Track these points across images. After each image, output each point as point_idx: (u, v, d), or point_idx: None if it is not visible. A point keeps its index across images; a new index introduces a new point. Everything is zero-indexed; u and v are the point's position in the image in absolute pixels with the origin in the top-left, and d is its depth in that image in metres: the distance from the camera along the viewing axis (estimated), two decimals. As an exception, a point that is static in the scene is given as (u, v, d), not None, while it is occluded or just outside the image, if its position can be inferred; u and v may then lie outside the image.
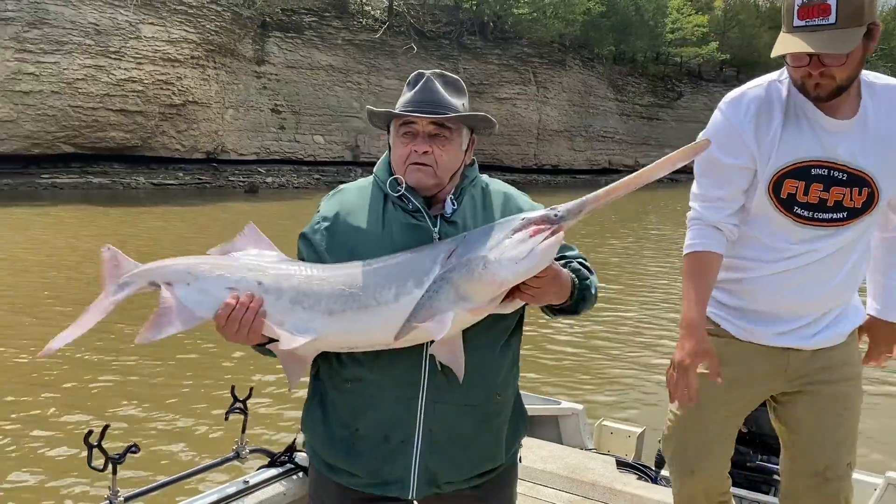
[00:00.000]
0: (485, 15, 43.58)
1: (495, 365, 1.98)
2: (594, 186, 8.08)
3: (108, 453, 2.22)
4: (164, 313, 1.81)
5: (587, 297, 1.98)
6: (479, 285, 1.74)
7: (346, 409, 1.98)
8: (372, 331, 1.81)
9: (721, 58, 59.07)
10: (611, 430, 4.22)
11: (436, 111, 1.91)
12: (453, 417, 1.94)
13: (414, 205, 1.94)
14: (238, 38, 34.05)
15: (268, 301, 1.79)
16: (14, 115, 27.38)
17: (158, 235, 17.45)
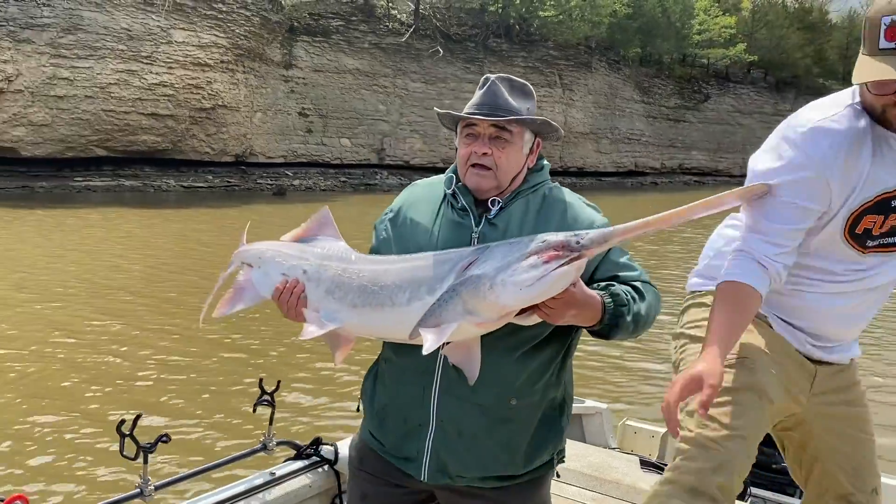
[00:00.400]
0: (510, 17, 43.54)
1: (510, 371, 1.96)
2: (620, 189, 8.13)
3: (139, 442, 2.28)
4: (237, 292, 2.15)
5: (621, 325, 1.88)
6: (484, 304, 1.76)
7: (382, 385, 2.13)
8: (385, 328, 1.94)
9: (749, 59, 58.43)
10: (634, 430, 4.20)
11: (496, 114, 1.94)
12: (461, 413, 1.97)
13: (462, 203, 2.00)
14: (266, 43, 34.34)
15: (308, 288, 2.00)
16: (49, 119, 27.84)
17: (185, 237, 17.64)
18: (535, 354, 1.97)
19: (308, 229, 2.15)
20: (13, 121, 27.20)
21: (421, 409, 2.01)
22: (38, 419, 5.89)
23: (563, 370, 2.08)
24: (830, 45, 69.50)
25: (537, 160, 2.09)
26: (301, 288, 1.99)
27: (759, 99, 61.99)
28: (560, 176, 46.06)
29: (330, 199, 29.46)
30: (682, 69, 56.38)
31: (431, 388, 1.98)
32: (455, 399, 1.96)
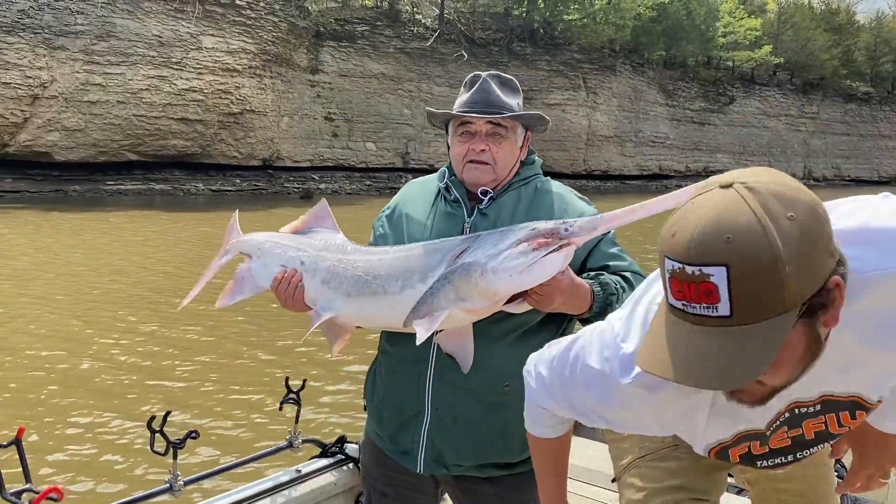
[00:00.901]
0: (535, 21, 43.46)
1: (503, 356, 1.96)
2: (644, 192, 8.10)
3: (169, 438, 2.31)
4: (238, 282, 2.19)
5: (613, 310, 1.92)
6: (475, 291, 1.78)
7: (381, 379, 2.16)
8: (379, 316, 1.98)
9: (775, 61, 57.79)
10: None
11: (491, 111, 1.99)
12: (456, 399, 1.99)
13: (455, 195, 2.05)
14: (293, 48, 34.58)
15: (305, 278, 2.04)
16: (82, 125, 28.24)
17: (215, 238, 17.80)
18: (527, 340, 1.97)
19: (306, 222, 2.20)
20: (47, 126, 27.64)
21: (416, 397, 2.03)
22: (71, 414, 6.00)
23: None
24: (858, 47, 68.53)
25: (528, 154, 2.17)
26: (298, 278, 2.03)
27: (785, 101, 61.25)
28: (584, 179, 45.86)
29: (355, 203, 29.59)
30: (706, 72, 55.89)
31: (426, 376, 2.01)
32: (449, 386, 1.98)
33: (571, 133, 44.65)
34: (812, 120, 63.23)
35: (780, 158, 61.02)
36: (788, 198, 1.07)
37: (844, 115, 65.75)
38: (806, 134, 62.96)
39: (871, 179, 67.53)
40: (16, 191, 27.03)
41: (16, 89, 26.76)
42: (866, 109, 67.35)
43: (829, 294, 1.07)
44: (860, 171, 67.49)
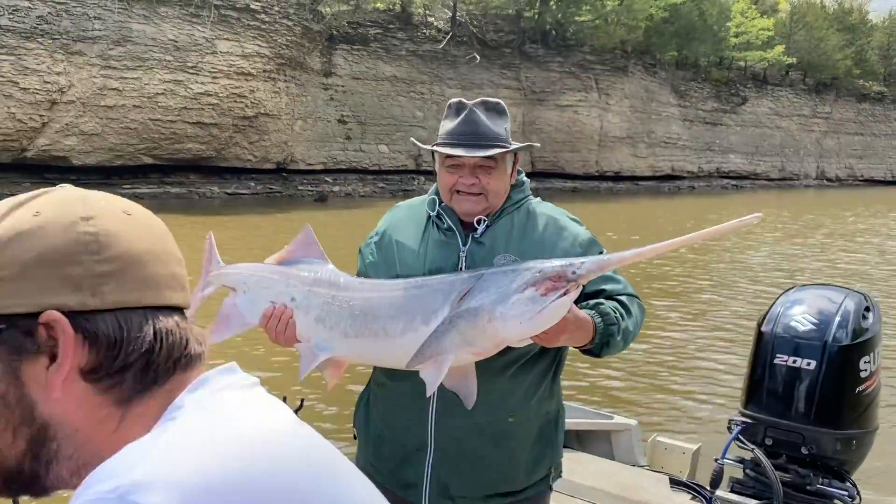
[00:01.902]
0: (547, 23, 43.31)
1: (505, 388, 1.95)
2: (657, 193, 7.86)
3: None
4: (224, 318, 2.06)
5: (612, 344, 1.89)
6: (482, 336, 1.74)
7: (377, 411, 2.10)
8: (380, 358, 1.93)
9: (787, 61, 57.33)
10: (665, 446, 4.05)
11: (480, 143, 1.92)
12: (462, 433, 1.95)
13: (448, 224, 1.99)
14: (307, 52, 34.61)
15: (297, 315, 1.94)
16: (99, 129, 28.38)
17: (236, 243, 17.81)
18: (528, 370, 1.97)
19: (292, 251, 2.07)
20: (65, 130, 27.79)
21: (419, 432, 1.97)
22: None
23: (555, 382, 2.07)
24: (871, 46, 67.90)
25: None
26: (289, 315, 1.94)
27: (798, 101, 60.76)
28: (596, 180, 45.69)
29: (369, 205, 29.55)
30: (718, 72, 55.52)
31: (428, 410, 1.95)
32: (454, 420, 1.94)
33: (584, 134, 44.45)
34: (825, 120, 62.69)
35: (792, 159, 60.55)
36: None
37: (857, 115, 65.15)
38: (819, 134, 62.42)
39: (884, 179, 66.92)
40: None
41: (34, 94, 26.92)
42: (879, 109, 66.71)
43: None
44: (873, 171, 66.87)
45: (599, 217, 27.54)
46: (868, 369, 3.32)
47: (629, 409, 6.40)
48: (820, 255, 18.45)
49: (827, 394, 3.27)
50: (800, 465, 3.32)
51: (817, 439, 3.23)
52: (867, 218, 30.93)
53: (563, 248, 1.96)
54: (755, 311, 10.52)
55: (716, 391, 7.22)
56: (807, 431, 3.26)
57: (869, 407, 3.37)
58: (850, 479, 3.35)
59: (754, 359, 3.46)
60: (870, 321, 3.41)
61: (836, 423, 3.27)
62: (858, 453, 3.35)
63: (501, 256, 1.90)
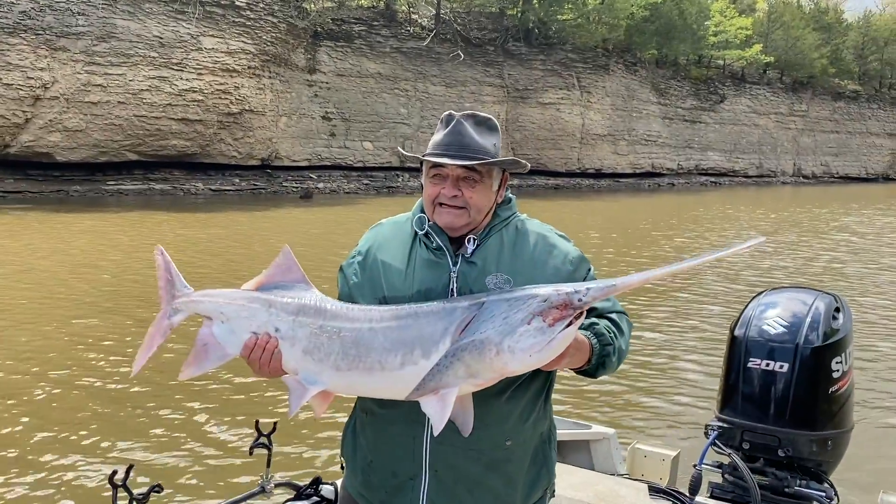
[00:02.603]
0: (529, 21, 43.30)
1: (501, 412, 1.89)
2: (637, 190, 7.78)
3: (132, 493, 2.17)
4: (202, 350, 1.90)
5: (607, 364, 1.87)
6: (490, 368, 1.68)
7: (366, 440, 1.99)
8: (376, 391, 1.82)
9: (765, 60, 57.66)
10: (644, 454, 4.03)
11: (464, 154, 1.87)
12: (458, 459, 1.88)
13: (437, 243, 1.91)
14: (292, 49, 34.40)
15: (283, 346, 1.81)
16: (83, 125, 28.07)
17: (220, 241, 17.65)
18: (524, 392, 1.91)
19: (271, 276, 1.92)
20: (49, 127, 27.46)
21: (411, 460, 1.90)
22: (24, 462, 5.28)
23: (547, 402, 2.03)
24: (846, 45, 68.42)
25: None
26: (274, 344, 1.81)
27: (776, 99, 61.16)
28: (578, 177, 45.79)
29: (354, 202, 29.44)
30: (698, 70, 55.78)
31: (422, 437, 1.87)
32: (449, 447, 1.86)
33: (566, 132, 44.52)
34: (801, 118, 63.15)
35: (770, 156, 60.97)
36: None
37: (833, 113, 65.69)
38: (795, 132, 62.89)
39: (859, 176, 67.53)
40: (18, 191, 26.89)
41: (17, 90, 26.58)
42: (854, 107, 67.30)
43: None
44: (848, 168, 67.48)
45: (581, 214, 27.58)
46: (840, 370, 3.31)
47: (606, 416, 6.36)
48: (794, 254, 18.58)
49: (801, 396, 3.26)
50: (777, 468, 3.31)
51: (793, 441, 3.22)
52: (842, 215, 31.20)
53: (554, 265, 1.91)
54: (730, 312, 10.55)
55: (696, 395, 7.20)
56: (783, 434, 3.24)
57: (843, 407, 3.36)
58: (827, 479, 3.34)
59: (728, 363, 3.44)
60: (840, 322, 3.40)
61: (811, 424, 3.25)
62: (835, 453, 3.34)
63: (494, 276, 1.85)
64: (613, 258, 16.19)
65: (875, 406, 7.02)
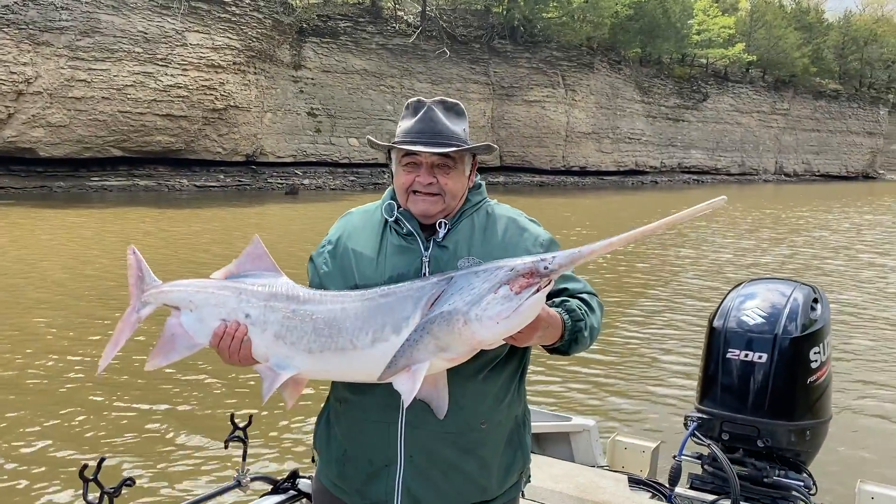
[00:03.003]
0: (515, 19, 43.29)
1: (477, 393, 1.88)
2: (621, 188, 7.76)
3: (103, 487, 2.12)
4: (169, 340, 1.86)
5: (580, 340, 1.86)
6: (458, 340, 1.66)
7: (340, 430, 1.98)
8: (349, 372, 1.80)
9: (747, 59, 57.97)
10: (625, 446, 4.01)
11: (438, 141, 1.86)
12: (433, 443, 1.87)
13: (408, 228, 1.91)
14: (277, 44, 34.21)
15: (253, 333, 1.78)
16: (67, 121, 27.78)
17: (206, 236, 17.53)
18: (498, 373, 1.91)
19: (241, 265, 1.88)
20: (32, 122, 27.16)
21: (386, 447, 1.88)
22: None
23: (521, 384, 2.03)
24: (827, 45, 68.93)
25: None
26: (243, 331, 1.78)
27: (758, 98, 61.53)
28: (563, 175, 45.87)
29: (339, 199, 29.31)
30: (681, 69, 56.00)
31: (397, 423, 1.86)
32: (424, 431, 1.85)
33: (551, 129, 44.56)
34: (783, 116, 63.57)
35: (752, 154, 61.34)
36: None
37: (814, 112, 66.18)
38: (777, 130, 63.30)
39: (839, 175, 68.09)
40: (0, 187, 26.58)
41: (0, 85, 26.25)
42: (835, 106, 67.84)
43: None
44: (829, 166, 68.02)
45: (566, 211, 27.62)
46: (818, 360, 3.31)
47: (588, 409, 6.34)
48: (772, 250, 18.69)
49: (779, 386, 3.25)
50: (756, 458, 3.30)
51: (772, 431, 3.21)
52: (822, 213, 31.44)
53: (525, 248, 1.91)
54: (709, 306, 10.58)
55: (675, 387, 7.21)
56: (761, 424, 3.23)
57: (821, 397, 3.36)
58: (806, 469, 3.34)
59: (707, 354, 3.43)
60: (818, 312, 3.40)
61: (789, 414, 3.25)
62: (813, 443, 3.33)
63: (465, 260, 1.84)
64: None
65: (852, 396, 7.06)
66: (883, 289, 13.37)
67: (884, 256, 18.09)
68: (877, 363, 8.37)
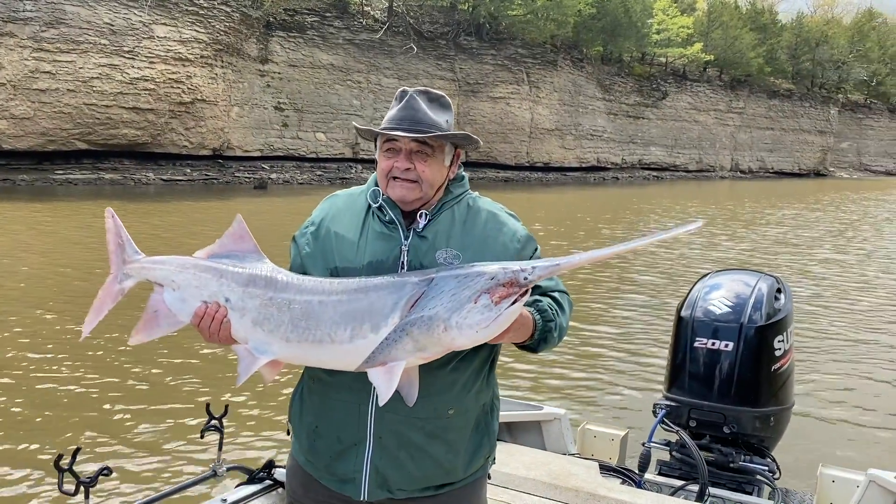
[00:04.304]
0: (481, 16, 43.28)
1: (446, 383, 1.89)
2: (583, 184, 7.76)
3: (79, 477, 2.06)
4: (152, 317, 1.87)
5: (549, 340, 1.89)
6: (437, 344, 1.69)
7: (312, 406, 1.99)
8: (326, 361, 1.80)
9: (705, 58, 58.72)
10: (594, 434, 4.04)
11: (417, 129, 1.86)
12: (402, 427, 1.88)
13: (390, 216, 1.92)
14: (244, 38, 33.76)
15: (233, 316, 1.80)
16: (31, 113, 27.12)
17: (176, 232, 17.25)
18: (466, 364, 1.92)
19: (223, 245, 1.88)
20: (-6, 114, 26.47)
21: (356, 426, 1.89)
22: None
23: (491, 374, 2.04)
24: (780, 45, 70.10)
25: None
26: (223, 314, 1.79)
27: (715, 97, 62.40)
28: (527, 171, 46.05)
29: (307, 193, 29.04)
30: (641, 67, 56.54)
31: (367, 404, 1.87)
32: (393, 415, 1.86)
33: (515, 126, 44.70)
34: (739, 115, 64.57)
35: (709, 151, 62.22)
36: None
37: (769, 111, 67.33)
38: (733, 128, 64.29)
39: (792, 172, 69.41)
40: (-38, 179, 25.89)
41: (-38, 76, 25.55)
42: (788, 105, 69.08)
43: None
44: (783, 163, 69.30)
45: (531, 206, 27.72)
46: (782, 348, 3.36)
47: (558, 399, 6.37)
48: (731, 245, 18.98)
49: (745, 373, 3.29)
50: (722, 444, 3.35)
51: (738, 418, 3.26)
52: (778, 209, 32.01)
53: (503, 242, 1.93)
54: (676, 297, 10.71)
55: (643, 377, 7.27)
56: (728, 411, 3.28)
57: (784, 384, 3.41)
58: (770, 454, 3.40)
59: (675, 343, 3.47)
60: (782, 302, 3.45)
61: (754, 401, 3.29)
62: (777, 429, 3.39)
63: (443, 251, 1.85)
64: (555, 250, 16.31)
65: (813, 383, 7.20)
66: (838, 283, 13.66)
67: (839, 250, 18.48)
68: (836, 352, 8.54)
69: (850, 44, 75.27)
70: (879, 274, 14.73)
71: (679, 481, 3.36)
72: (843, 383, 7.35)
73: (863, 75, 75.89)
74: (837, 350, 8.62)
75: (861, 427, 6.13)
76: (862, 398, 6.93)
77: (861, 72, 75.21)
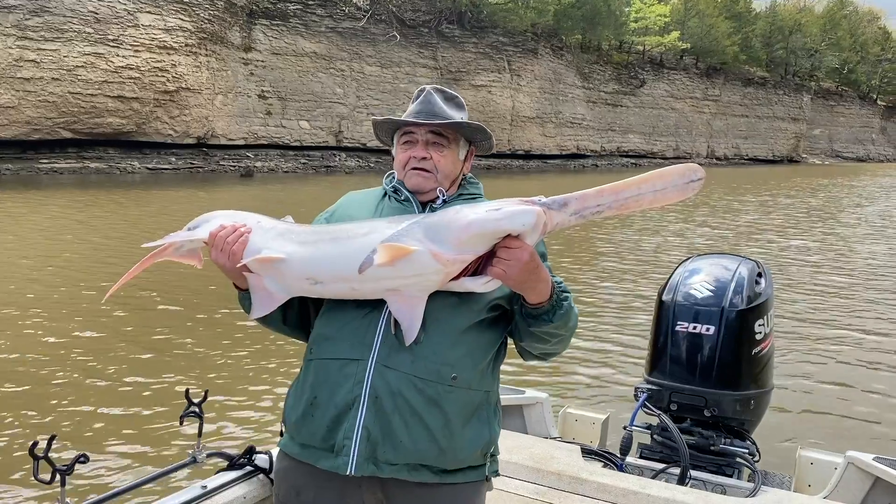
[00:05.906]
0: (462, 4, 43.02)
1: (453, 345, 1.83)
2: (564, 171, 7.68)
3: (55, 464, 1.97)
4: (172, 241, 1.96)
5: (565, 308, 1.84)
6: (448, 230, 1.70)
7: (309, 379, 1.93)
8: (336, 260, 1.80)
9: (682, 47, 58.82)
10: (575, 418, 4.00)
11: (433, 120, 1.94)
12: (400, 385, 1.81)
13: (405, 195, 1.97)
14: (228, 27, 33.34)
15: (256, 233, 1.86)
16: (15, 102, 26.67)
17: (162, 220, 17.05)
18: (477, 335, 1.88)
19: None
20: (-22, 103, 26.01)
21: (353, 383, 1.82)
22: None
23: (497, 363, 1.98)
24: (755, 34, 70.36)
25: (471, 177, 2.12)
26: (248, 229, 1.87)
27: (691, 84, 62.58)
28: (508, 158, 45.98)
29: (292, 181, 28.84)
30: (619, 56, 56.55)
31: (368, 358, 1.82)
32: (394, 373, 1.80)
33: (497, 114, 44.59)
34: (714, 102, 64.83)
35: (685, 138, 62.48)
36: None
37: (743, 98, 67.64)
38: (709, 115, 64.55)
39: (766, 158, 69.88)
40: (-54, 168, 25.45)
41: (-56, 65, 25.05)
42: (762, 93, 69.44)
43: None
44: (757, 150, 69.73)
45: (512, 194, 27.67)
46: (762, 331, 3.33)
47: (540, 383, 6.34)
48: (708, 231, 19.07)
49: (726, 357, 3.27)
50: (703, 427, 3.32)
51: (718, 401, 3.23)
52: (755, 195, 32.22)
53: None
54: (656, 282, 10.72)
55: (624, 361, 7.26)
56: (708, 394, 3.25)
57: (765, 368, 3.39)
58: (750, 437, 3.38)
59: (656, 327, 3.43)
60: (762, 286, 3.42)
61: (735, 384, 3.27)
62: (757, 412, 3.37)
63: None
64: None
65: (792, 367, 7.22)
66: (817, 263, 13.75)
67: (814, 236, 18.62)
68: (814, 337, 8.57)
69: (823, 32, 75.71)
70: (855, 259, 14.85)
71: (660, 464, 3.33)
72: (820, 368, 7.37)
73: (834, 63, 76.45)
74: (815, 335, 8.65)
75: (839, 410, 6.14)
76: (840, 382, 6.95)
77: (833, 60, 75.75)
